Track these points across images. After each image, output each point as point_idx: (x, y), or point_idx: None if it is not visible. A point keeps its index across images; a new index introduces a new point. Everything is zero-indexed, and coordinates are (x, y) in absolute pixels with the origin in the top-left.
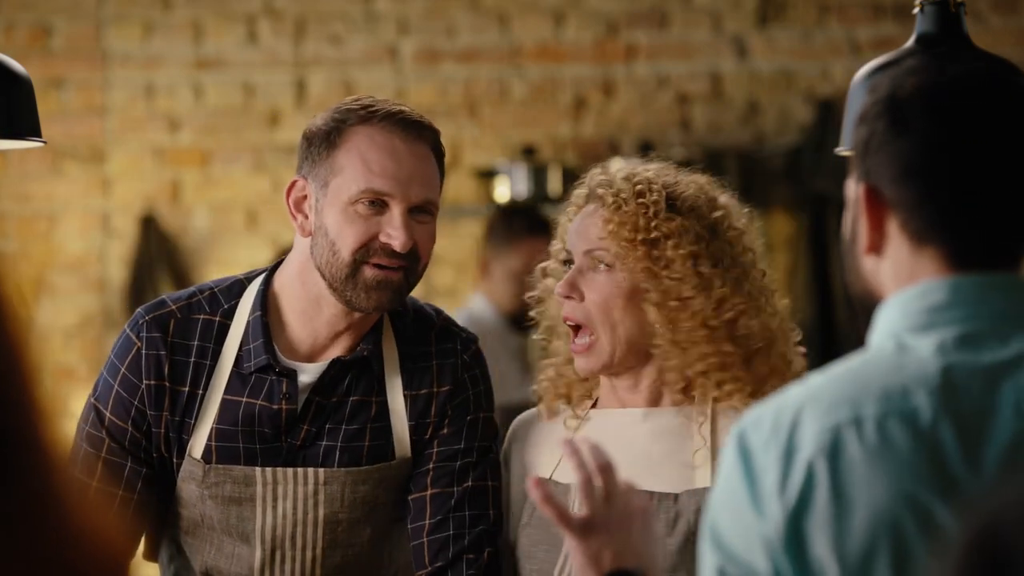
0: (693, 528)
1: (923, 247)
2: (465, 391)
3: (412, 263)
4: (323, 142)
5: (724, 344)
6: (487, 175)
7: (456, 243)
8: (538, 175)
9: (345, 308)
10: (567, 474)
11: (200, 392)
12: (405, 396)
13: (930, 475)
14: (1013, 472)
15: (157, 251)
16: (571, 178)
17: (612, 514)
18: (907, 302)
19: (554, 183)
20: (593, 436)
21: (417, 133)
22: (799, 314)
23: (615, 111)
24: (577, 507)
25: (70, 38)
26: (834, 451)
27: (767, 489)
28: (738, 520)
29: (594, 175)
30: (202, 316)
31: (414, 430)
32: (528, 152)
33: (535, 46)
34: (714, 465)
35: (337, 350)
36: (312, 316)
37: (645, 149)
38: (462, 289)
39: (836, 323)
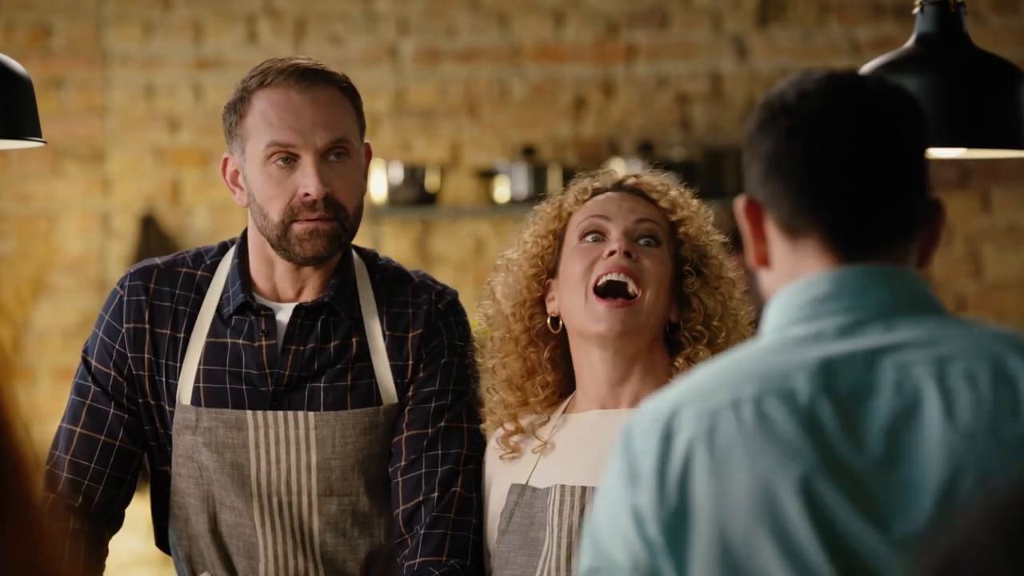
0: None
1: (799, 241)
2: (439, 336)
3: (338, 214)
4: (234, 113)
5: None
6: (487, 175)
7: (456, 243)
8: (538, 175)
9: (292, 264)
10: (544, 479)
11: (183, 335)
12: (384, 335)
13: (810, 449)
14: (896, 452)
15: (157, 251)
16: (571, 178)
17: None
18: (791, 296)
19: (554, 183)
20: (572, 437)
21: (311, 81)
22: None
23: (615, 111)
24: (555, 509)
25: (70, 38)
26: (711, 433)
27: (644, 472)
28: (610, 508)
29: (599, 177)
30: (184, 270)
31: (395, 370)
32: (528, 152)
33: (535, 46)
34: None
35: (305, 297)
36: (268, 274)
37: (645, 149)
38: (462, 289)
39: None
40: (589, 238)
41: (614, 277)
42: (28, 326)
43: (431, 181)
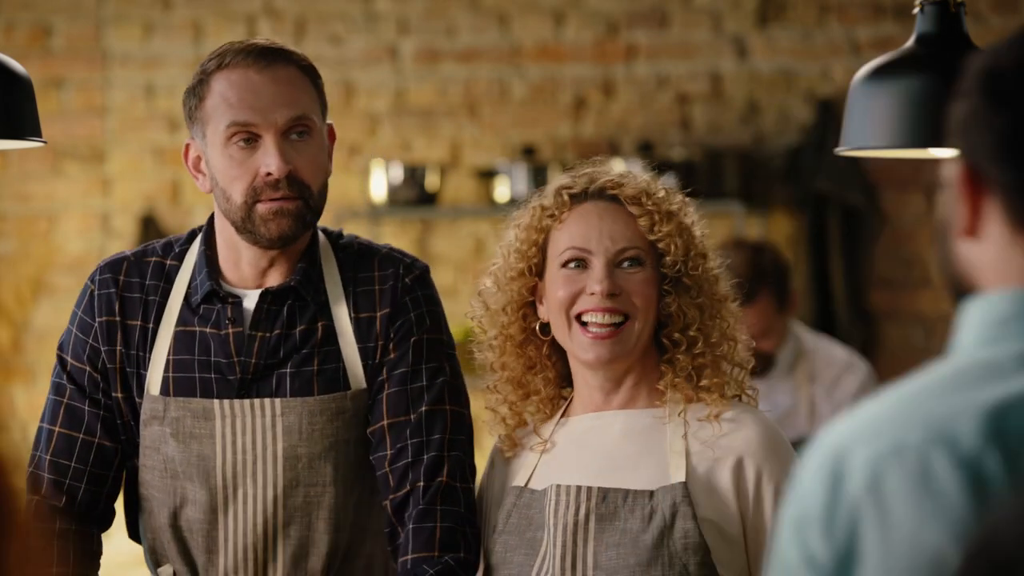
0: (668, 523)
1: (1021, 237)
2: (406, 313)
3: (302, 193)
4: (193, 97)
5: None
6: (487, 175)
7: (456, 243)
8: (538, 175)
9: (258, 248)
10: (542, 481)
11: (152, 326)
12: (351, 319)
13: (975, 511)
14: None
15: None
16: None
17: None
18: (985, 309)
19: None
20: (569, 439)
21: (269, 61)
22: (800, 314)
23: (615, 111)
24: (551, 509)
25: (70, 38)
26: (877, 482)
27: (812, 515)
28: (783, 553)
29: (576, 180)
30: (154, 259)
31: (363, 353)
32: (528, 152)
33: (535, 46)
34: (688, 461)
35: (270, 282)
36: (236, 261)
37: (645, 149)
38: (462, 289)
39: (836, 323)
40: (571, 265)
41: (598, 319)
42: (28, 326)
43: (431, 181)
